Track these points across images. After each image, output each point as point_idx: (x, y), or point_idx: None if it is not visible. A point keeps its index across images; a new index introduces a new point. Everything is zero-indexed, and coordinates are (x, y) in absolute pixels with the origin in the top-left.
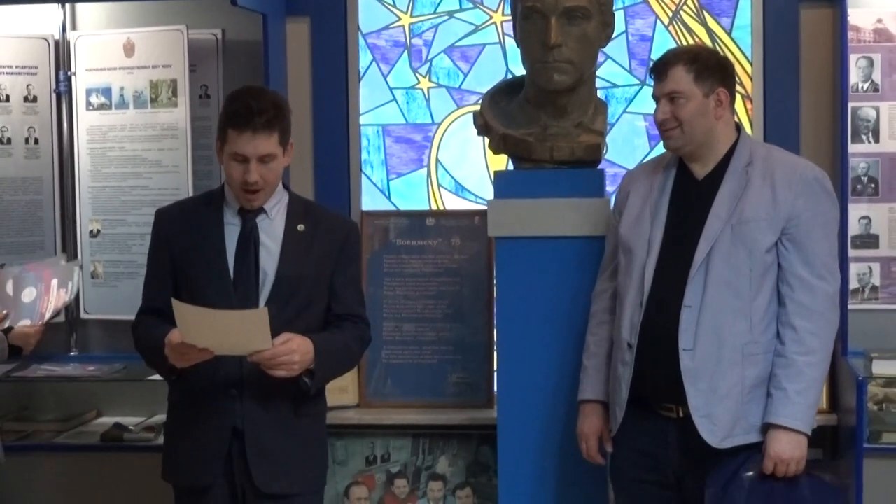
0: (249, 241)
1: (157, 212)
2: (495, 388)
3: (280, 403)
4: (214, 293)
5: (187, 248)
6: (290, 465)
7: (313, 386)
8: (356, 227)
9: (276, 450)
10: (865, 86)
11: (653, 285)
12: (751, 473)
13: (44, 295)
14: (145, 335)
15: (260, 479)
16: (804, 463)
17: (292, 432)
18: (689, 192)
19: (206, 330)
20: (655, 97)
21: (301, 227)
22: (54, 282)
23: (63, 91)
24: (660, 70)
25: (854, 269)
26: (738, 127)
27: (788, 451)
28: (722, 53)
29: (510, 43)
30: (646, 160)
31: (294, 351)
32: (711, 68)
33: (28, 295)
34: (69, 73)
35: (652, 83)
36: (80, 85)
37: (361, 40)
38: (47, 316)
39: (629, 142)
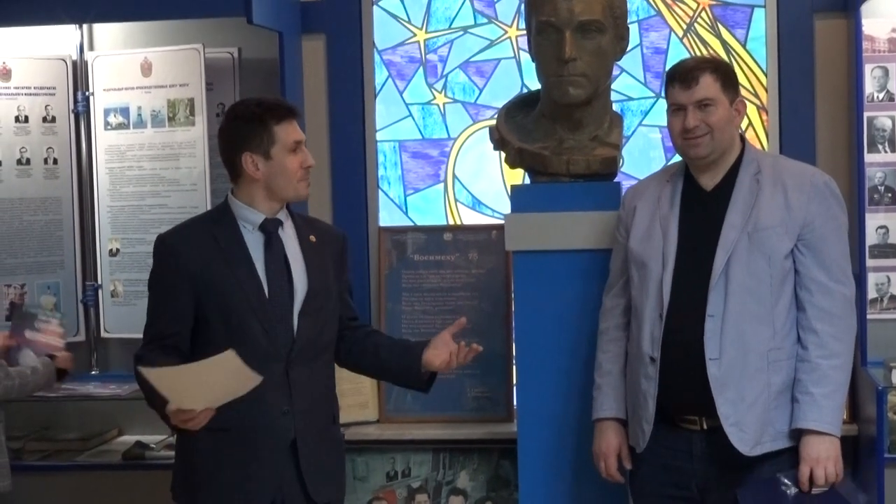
0: (279, 254)
1: (159, 238)
2: (515, 402)
3: (321, 414)
4: (250, 310)
5: (210, 269)
6: (334, 473)
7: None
8: (344, 236)
9: (323, 459)
10: (881, 95)
11: (671, 298)
12: (794, 491)
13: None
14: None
15: (313, 490)
16: (841, 463)
17: (332, 440)
18: (699, 203)
19: (188, 388)
20: (679, 105)
21: (312, 238)
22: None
23: (81, 111)
24: (688, 77)
25: (872, 278)
26: (743, 137)
27: (824, 452)
28: (735, 65)
29: (525, 57)
30: (648, 176)
31: None
32: (732, 78)
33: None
34: (87, 94)
35: (666, 93)
36: (98, 105)
37: (377, 56)
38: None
39: (645, 154)
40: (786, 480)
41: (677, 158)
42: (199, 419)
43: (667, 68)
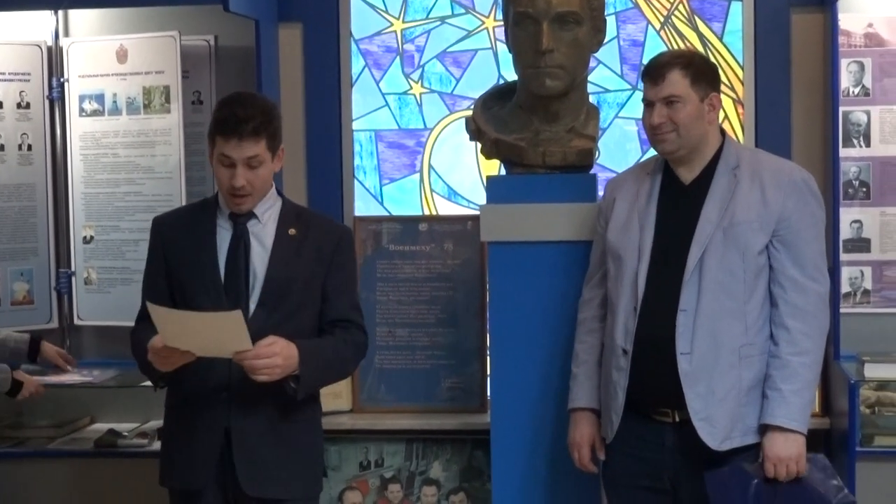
0: (239, 243)
1: (154, 219)
2: (488, 393)
3: (268, 408)
4: (205, 296)
5: (181, 254)
6: (281, 471)
7: (300, 391)
8: (349, 232)
9: (264, 455)
10: (856, 90)
11: (646, 291)
12: (756, 481)
13: None
14: (138, 341)
15: (246, 484)
16: (804, 461)
17: (282, 438)
18: (677, 197)
19: (184, 332)
20: (648, 101)
21: (292, 231)
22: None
23: (56, 97)
24: (655, 73)
25: (846, 272)
26: (723, 131)
27: (787, 450)
28: (711, 58)
29: (502, 48)
30: (630, 167)
31: (276, 354)
32: (705, 73)
33: None
34: (62, 80)
35: (643, 87)
36: (73, 91)
37: (354, 46)
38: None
39: (621, 146)
40: (749, 469)
41: (654, 151)
42: (174, 359)
43: (643, 61)
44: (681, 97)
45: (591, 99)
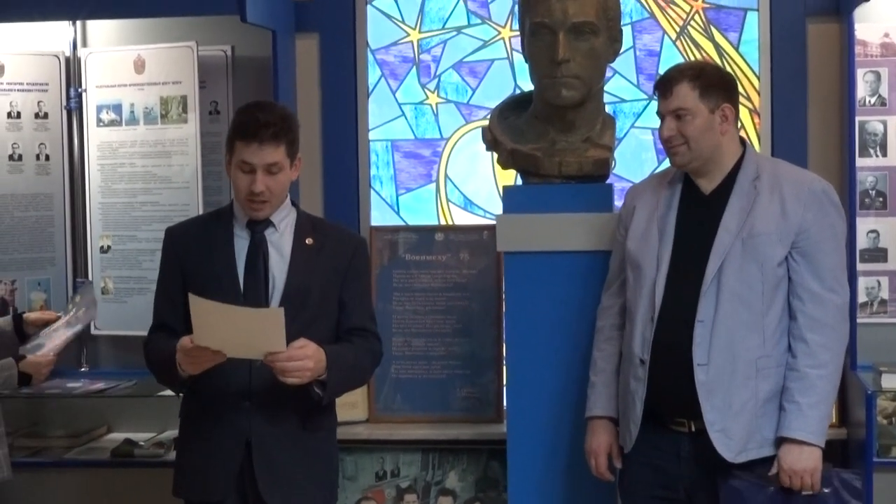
0: (259, 251)
1: (166, 230)
2: (504, 403)
3: (289, 417)
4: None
5: (197, 264)
6: (301, 480)
7: (326, 397)
8: (364, 242)
9: (284, 464)
10: (873, 100)
11: (663, 301)
12: (771, 490)
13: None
14: (156, 349)
15: (267, 494)
16: (819, 475)
17: (301, 447)
18: (697, 207)
19: (220, 328)
20: (660, 114)
21: (309, 240)
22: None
23: (74, 107)
24: (664, 87)
25: (863, 282)
26: (743, 141)
27: (802, 463)
28: (727, 68)
29: (518, 58)
30: (651, 175)
31: (308, 357)
32: (716, 84)
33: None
34: (80, 90)
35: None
36: (91, 101)
37: (370, 56)
38: (58, 343)
39: (637, 156)
40: (764, 481)
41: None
42: (204, 359)
43: (659, 71)
44: (689, 110)
45: (607, 109)
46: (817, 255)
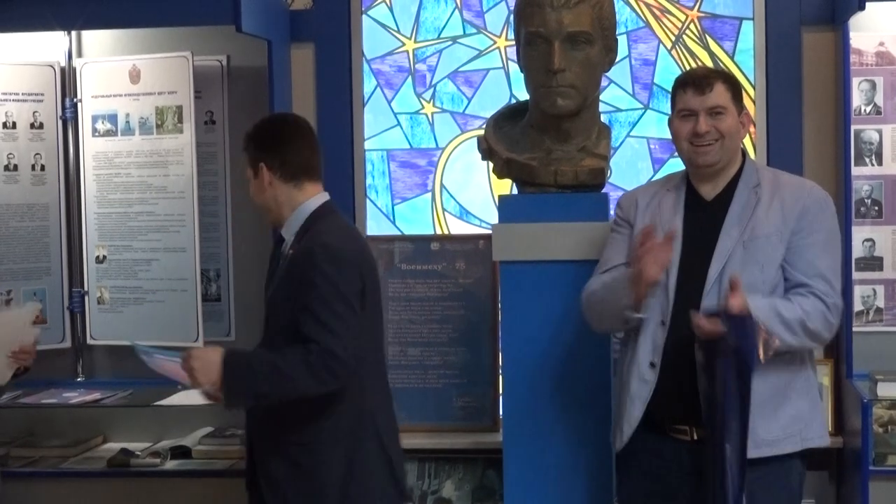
0: (273, 267)
1: None
2: (500, 412)
3: (274, 423)
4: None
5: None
6: (281, 485)
7: (225, 399)
8: (314, 250)
9: (270, 466)
10: (868, 108)
11: (673, 305)
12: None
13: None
14: None
15: (265, 493)
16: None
17: (283, 452)
18: (700, 213)
19: None
20: (690, 110)
21: (291, 251)
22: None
23: (69, 118)
24: (703, 83)
25: (858, 291)
26: (744, 151)
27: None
28: None
29: (514, 68)
30: (648, 182)
31: (195, 357)
32: (740, 90)
33: None
34: (75, 100)
35: (674, 99)
36: (86, 111)
37: (366, 66)
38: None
39: (633, 165)
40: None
41: (665, 170)
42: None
43: (655, 80)
44: (726, 108)
45: (603, 118)
46: (807, 255)
